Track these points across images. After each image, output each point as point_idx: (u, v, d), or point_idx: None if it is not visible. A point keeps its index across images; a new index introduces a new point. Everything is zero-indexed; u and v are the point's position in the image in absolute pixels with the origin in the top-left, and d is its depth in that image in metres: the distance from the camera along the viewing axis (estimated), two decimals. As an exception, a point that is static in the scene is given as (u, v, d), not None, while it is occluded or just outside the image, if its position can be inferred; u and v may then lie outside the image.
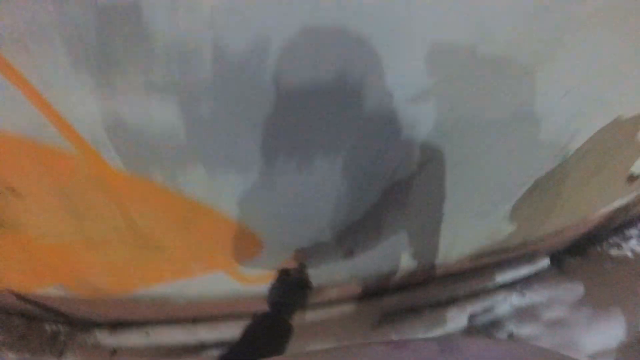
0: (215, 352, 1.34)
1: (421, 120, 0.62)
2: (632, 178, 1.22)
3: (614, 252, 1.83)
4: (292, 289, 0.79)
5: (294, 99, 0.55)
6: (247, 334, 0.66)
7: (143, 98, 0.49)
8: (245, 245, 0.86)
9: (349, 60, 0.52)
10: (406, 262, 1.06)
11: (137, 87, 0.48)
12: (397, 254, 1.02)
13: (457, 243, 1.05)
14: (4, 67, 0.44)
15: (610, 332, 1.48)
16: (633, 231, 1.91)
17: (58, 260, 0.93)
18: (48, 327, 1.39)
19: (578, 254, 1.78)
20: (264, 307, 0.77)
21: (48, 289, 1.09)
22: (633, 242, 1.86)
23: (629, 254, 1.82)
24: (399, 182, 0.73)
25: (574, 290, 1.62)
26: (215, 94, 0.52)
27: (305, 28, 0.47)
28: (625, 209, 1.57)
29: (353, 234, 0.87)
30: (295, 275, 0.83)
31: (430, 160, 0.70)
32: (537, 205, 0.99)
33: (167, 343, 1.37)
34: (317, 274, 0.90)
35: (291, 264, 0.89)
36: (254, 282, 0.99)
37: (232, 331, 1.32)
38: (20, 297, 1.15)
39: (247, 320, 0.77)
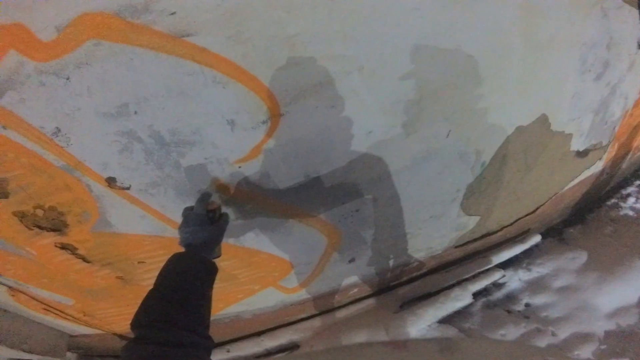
0: (279, 357, 1.68)
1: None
2: (580, 153, 1.44)
3: (613, 213, 1.90)
4: (201, 226, 0.72)
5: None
6: (164, 273, 0.63)
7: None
8: (282, 268, 1.29)
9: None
10: (394, 261, 1.41)
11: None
12: (383, 256, 1.38)
13: (432, 239, 1.38)
14: (136, 201, 0.91)
15: (624, 289, 1.57)
16: (631, 189, 1.97)
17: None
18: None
19: (577, 223, 1.92)
20: (304, 313, 1.15)
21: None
22: (632, 200, 1.92)
23: (630, 212, 1.88)
24: (364, 214, 1.12)
25: (577, 257, 1.75)
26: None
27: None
28: (604, 173, 1.73)
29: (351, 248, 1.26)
30: (201, 210, 0.75)
31: (377, 198, 1.09)
32: (486, 202, 1.30)
33: (242, 356, 1.74)
34: (333, 279, 1.30)
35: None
36: (292, 292, 1.41)
37: (287, 337, 1.71)
38: (122, 337, 1.62)
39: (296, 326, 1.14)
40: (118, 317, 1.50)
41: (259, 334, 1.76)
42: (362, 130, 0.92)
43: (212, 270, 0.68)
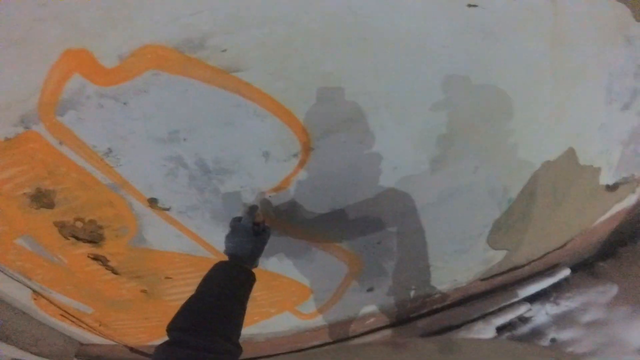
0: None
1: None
2: (610, 187, 1.40)
3: (650, 246, 1.81)
4: (247, 237, 0.74)
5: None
6: (207, 280, 0.65)
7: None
8: (301, 293, 1.28)
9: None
10: (415, 292, 1.38)
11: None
12: (404, 287, 1.36)
13: (457, 271, 1.35)
14: (174, 222, 0.94)
15: None
16: None
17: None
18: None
19: (609, 257, 1.84)
20: (319, 340, 1.12)
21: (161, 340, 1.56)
22: None
23: None
24: (386, 245, 1.12)
25: (608, 291, 1.68)
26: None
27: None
28: (638, 206, 1.66)
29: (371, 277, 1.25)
30: (248, 222, 0.77)
31: (401, 232, 1.10)
32: (514, 237, 1.26)
33: (252, 379, 1.72)
34: (350, 308, 1.28)
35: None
36: (308, 317, 1.39)
37: (300, 362, 1.66)
38: (132, 349, 1.63)
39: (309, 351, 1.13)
40: (134, 329, 1.51)
41: (268, 357, 1.73)
42: (390, 165, 0.94)
43: (252, 281, 0.71)
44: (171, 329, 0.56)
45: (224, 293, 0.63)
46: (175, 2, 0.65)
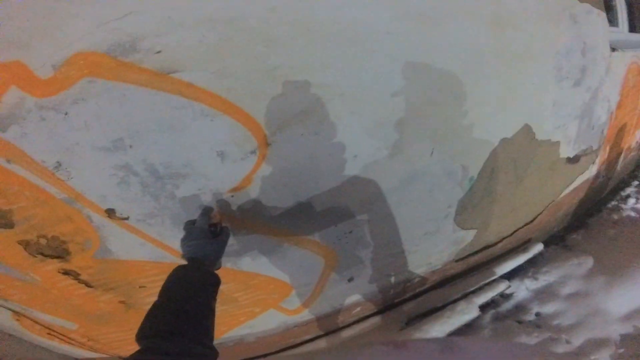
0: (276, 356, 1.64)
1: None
2: (571, 160, 1.45)
3: (615, 215, 1.90)
4: (204, 239, 0.74)
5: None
6: (168, 285, 0.64)
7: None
8: (282, 290, 1.29)
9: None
10: (395, 278, 1.40)
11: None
12: (383, 274, 1.38)
13: (430, 254, 1.38)
14: (135, 230, 0.94)
15: (635, 291, 1.55)
16: (630, 190, 1.98)
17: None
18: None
19: (579, 228, 1.91)
20: (309, 334, 1.12)
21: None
22: (632, 201, 1.93)
23: (631, 213, 1.88)
24: (358, 234, 1.14)
25: (583, 263, 1.74)
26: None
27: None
28: (599, 177, 1.72)
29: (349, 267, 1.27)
30: (203, 224, 0.77)
31: (370, 219, 1.11)
32: (480, 215, 1.30)
33: (248, 379, 1.73)
34: (334, 299, 1.29)
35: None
36: (293, 313, 1.40)
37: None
38: None
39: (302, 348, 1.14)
40: (122, 341, 1.49)
41: (264, 356, 1.74)
42: (348, 154, 0.95)
43: (216, 282, 0.70)
44: (142, 337, 0.54)
45: (188, 297, 0.61)
46: (102, 6, 0.64)
